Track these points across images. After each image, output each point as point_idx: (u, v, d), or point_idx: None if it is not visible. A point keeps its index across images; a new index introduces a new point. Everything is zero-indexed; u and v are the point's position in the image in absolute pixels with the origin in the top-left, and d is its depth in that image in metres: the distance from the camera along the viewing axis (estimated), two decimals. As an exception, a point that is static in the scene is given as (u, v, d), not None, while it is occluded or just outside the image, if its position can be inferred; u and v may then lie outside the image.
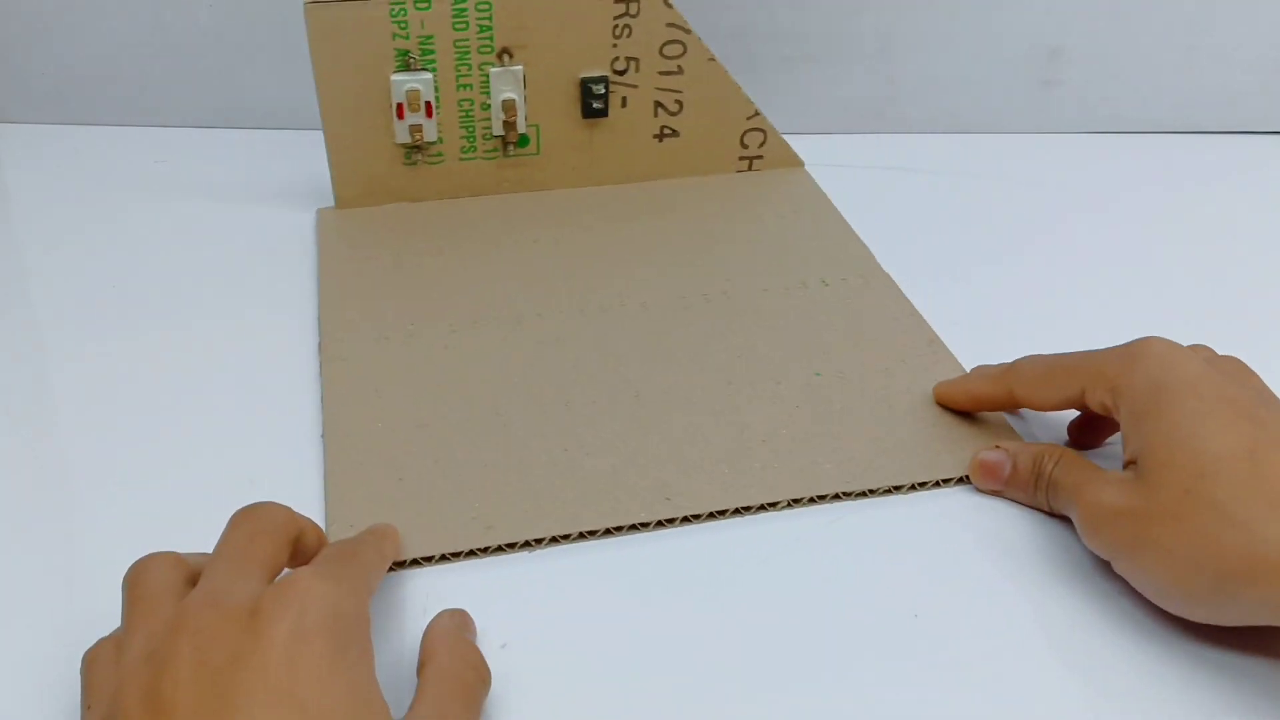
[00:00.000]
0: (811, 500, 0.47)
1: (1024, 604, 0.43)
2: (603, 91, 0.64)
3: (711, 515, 0.46)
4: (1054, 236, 0.67)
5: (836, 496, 0.47)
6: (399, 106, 0.63)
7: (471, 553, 0.44)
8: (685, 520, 0.46)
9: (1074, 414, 0.50)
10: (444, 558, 0.44)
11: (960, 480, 0.48)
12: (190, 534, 0.44)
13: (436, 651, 0.38)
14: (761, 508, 0.46)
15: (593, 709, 0.39)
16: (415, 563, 0.44)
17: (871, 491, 0.47)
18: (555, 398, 0.51)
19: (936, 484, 0.48)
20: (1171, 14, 0.74)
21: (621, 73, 0.65)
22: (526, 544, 0.45)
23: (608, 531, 0.45)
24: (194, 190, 0.70)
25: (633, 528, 0.45)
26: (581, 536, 0.45)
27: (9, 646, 0.41)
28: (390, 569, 0.43)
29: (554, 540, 0.45)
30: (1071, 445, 0.50)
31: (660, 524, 0.46)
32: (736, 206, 0.67)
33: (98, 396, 0.53)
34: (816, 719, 0.39)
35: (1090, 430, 0.50)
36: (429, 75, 0.62)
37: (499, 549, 0.44)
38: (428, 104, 0.63)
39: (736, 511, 0.46)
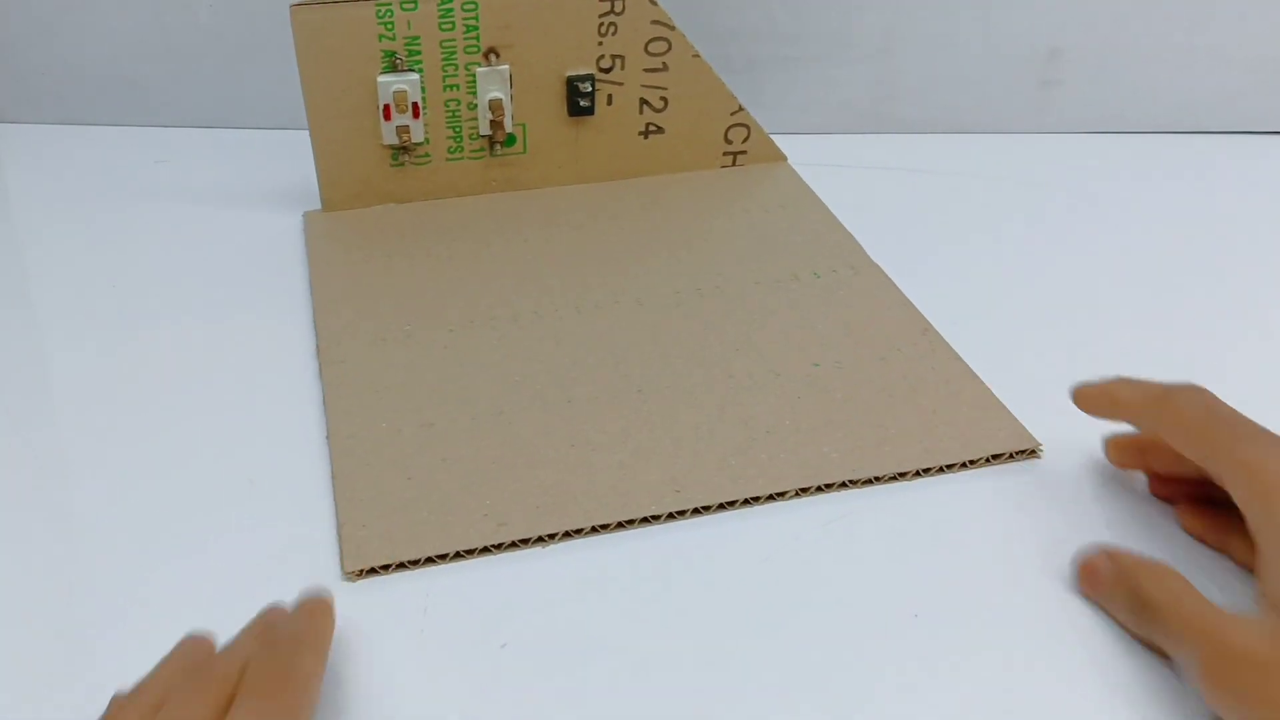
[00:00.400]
0: (819, 489, 0.47)
1: (1027, 596, 0.43)
2: (589, 90, 0.64)
3: (721, 506, 0.46)
4: (1053, 236, 0.66)
5: (843, 485, 0.47)
6: (386, 108, 0.63)
7: (485, 549, 0.44)
8: (695, 512, 0.46)
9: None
10: (445, 557, 0.44)
11: (963, 465, 0.48)
12: (190, 534, 0.45)
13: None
14: (770, 498, 0.47)
15: (593, 709, 0.39)
16: (430, 561, 0.44)
17: (878, 479, 0.47)
18: (558, 395, 0.51)
19: (941, 469, 0.48)
20: (1171, 14, 0.73)
21: (607, 71, 0.65)
22: (539, 540, 0.45)
23: (619, 525, 0.45)
24: (193, 190, 0.70)
25: (644, 521, 0.46)
26: (593, 531, 0.45)
27: (10, 648, 0.40)
28: (392, 569, 0.44)
29: (566, 535, 0.45)
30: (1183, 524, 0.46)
31: (671, 516, 0.46)
32: (723, 201, 0.67)
33: (97, 396, 0.53)
34: (824, 716, 0.39)
35: (1210, 523, 0.44)
36: (415, 76, 0.62)
37: (512, 545, 0.44)
38: (414, 105, 0.63)
39: (745, 502, 0.47)
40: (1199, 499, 0.45)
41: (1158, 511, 0.46)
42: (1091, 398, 0.46)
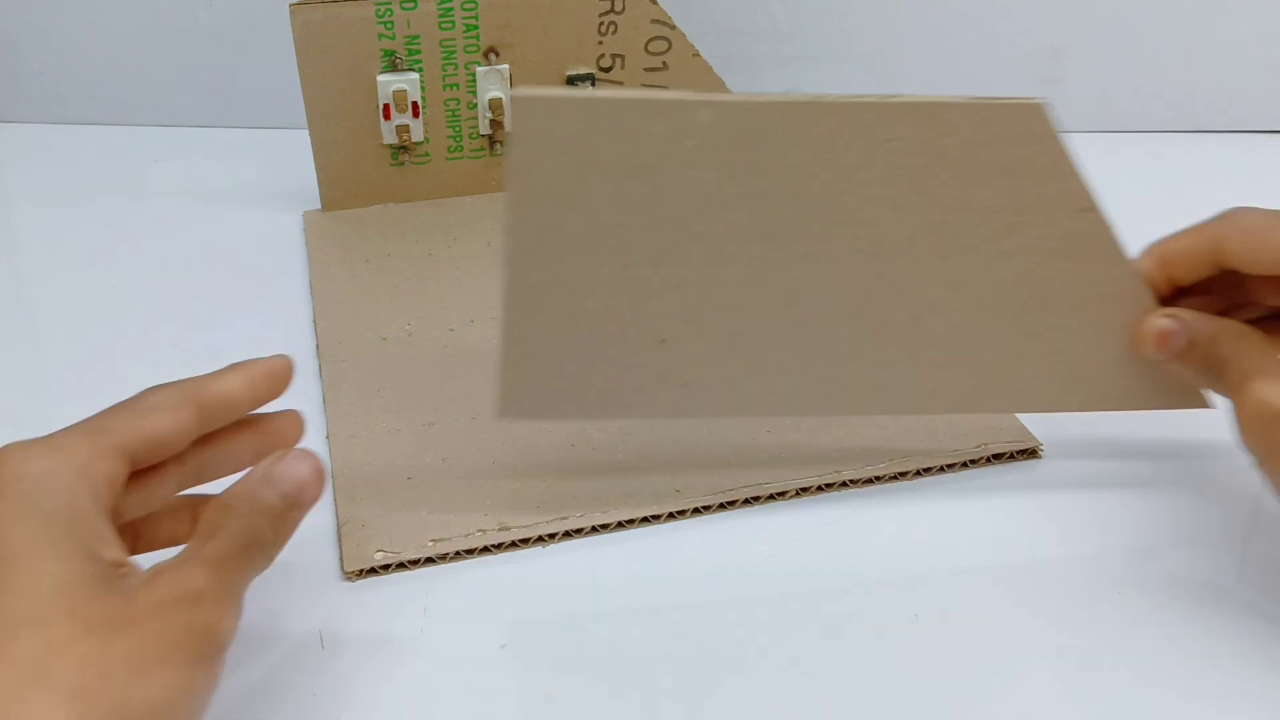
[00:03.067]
0: (819, 489, 0.47)
1: (1027, 596, 0.43)
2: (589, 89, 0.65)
3: (721, 506, 0.46)
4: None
5: (843, 485, 0.47)
6: (385, 107, 0.63)
7: (485, 549, 0.44)
8: (695, 512, 0.46)
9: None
10: (445, 557, 0.44)
11: (964, 465, 0.48)
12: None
13: (213, 500, 0.36)
14: (770, 497, 0.47)
15: (593, 709, 0.39)
16: (429, 561, 0.44)
17: (878, 479, 0.47)
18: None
19: (941, 469, 0.48)
20: (1171, 14, 0.73)
21: (607, 70, 0.65)
22: (539, 540, 0.45)
23: (619, 525, 0.45)
24: (193, 190, 0.70)
25: (644, 520, 0.46)
26: (593, 531, 0.45)
27: None
28: (392, 569, 0.43)
29: (566, 535, 0.45)
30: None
31: (671, 516, 0.46)
32: None
33: (97, 396, 0.53)
34: (824, 716, 0.39)
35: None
36: (415, 75, 0.62)
37: (512, 545, 0.44)
38: (414, 104, 0.63)
39: (745, 502, 0.46)
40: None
41: (1158, 512, 0.46)
42: (1143, 268, 0.44)
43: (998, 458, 0.49)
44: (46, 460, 0.33)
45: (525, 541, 0.44)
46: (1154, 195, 0.70)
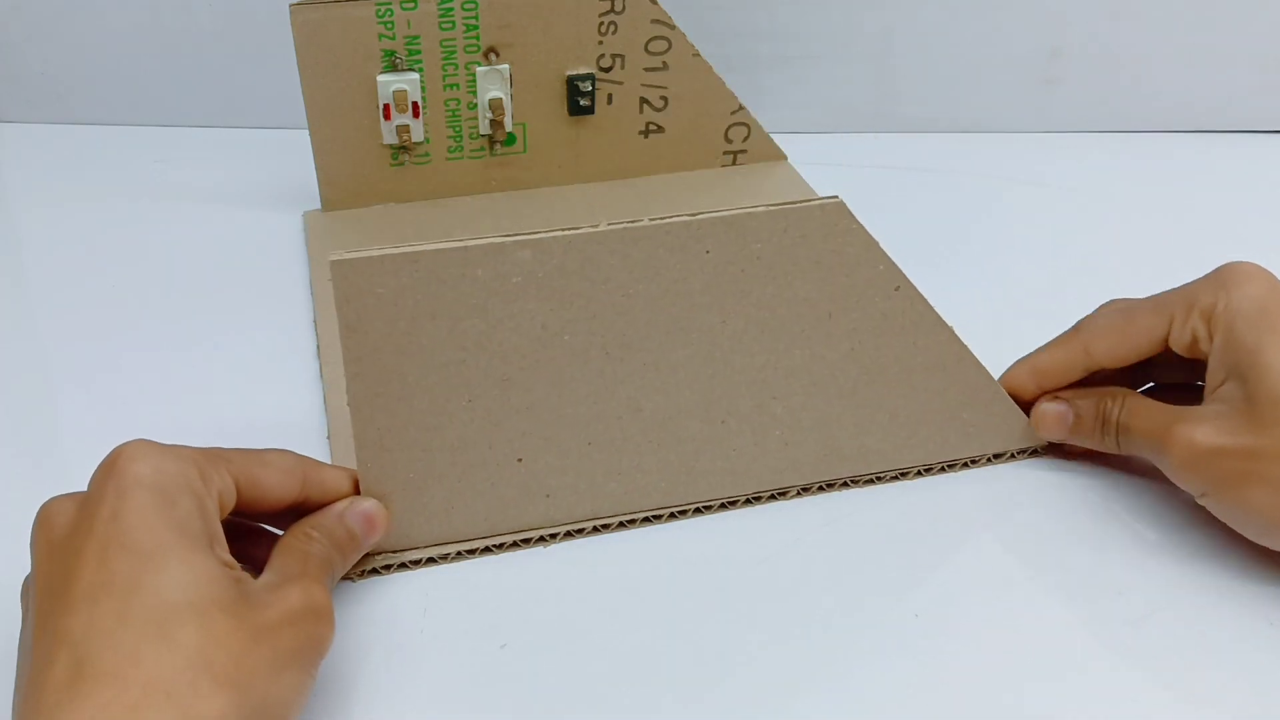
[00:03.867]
0: (819, 489, 0.47)
1: (1027, 596, 0.43)
2: (589, 89, 0.64)
3: (721, 506, 0.46)
4: (1053, 235, 0.67)
5: (844, 485, 0.48)
6: (385, 107, 0.63)
7: (485, 550, 0.44)
8: (696, 512, 0.46)
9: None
10: (446, 557, 0.44)
11: (964, 465, 0.48)
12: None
13: (292, 528, 0.40)
14: (770, 497, 0.47)
15: (593, 709, 0.39)
16: (431, 561, 0.44)
17: (878, 479, 0.48)
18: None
19: (941, 469, 0.48)
20: (1171, 14, 0.74)
21: (607, 70, 0.65)
22: (539, 540, 0.45)
23: (620, 525, 0.45)
24: (193, 190, 0.70)
25: (644, 520, 0.46)
26: (593, 531, 0.45)
27: (12, 650, 0.40)
28: (393, 569, 0.44)
29: (566, 535, 0.45)
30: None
31: (671, 516, 0.46)
32: (723, 201, 0.67)
33: (97, 396, 0.53)
34: (824, 716, 0.39)
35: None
36: (415, 75, 0.62)
37: (512, 545, 0.44)
38: (414, 104, 0.63)
39: (746, 502, 0.47)
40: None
41: (1158, 511, 0.46)
42: (1009, 388, 0.48)
43: (998, 457, 0.49)
44: (176, 463, 0.36)
45: (525, 541, 0.44)
46: (1154, 195, 0.71)
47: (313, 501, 0.41)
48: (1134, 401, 0.45)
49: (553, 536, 0.45)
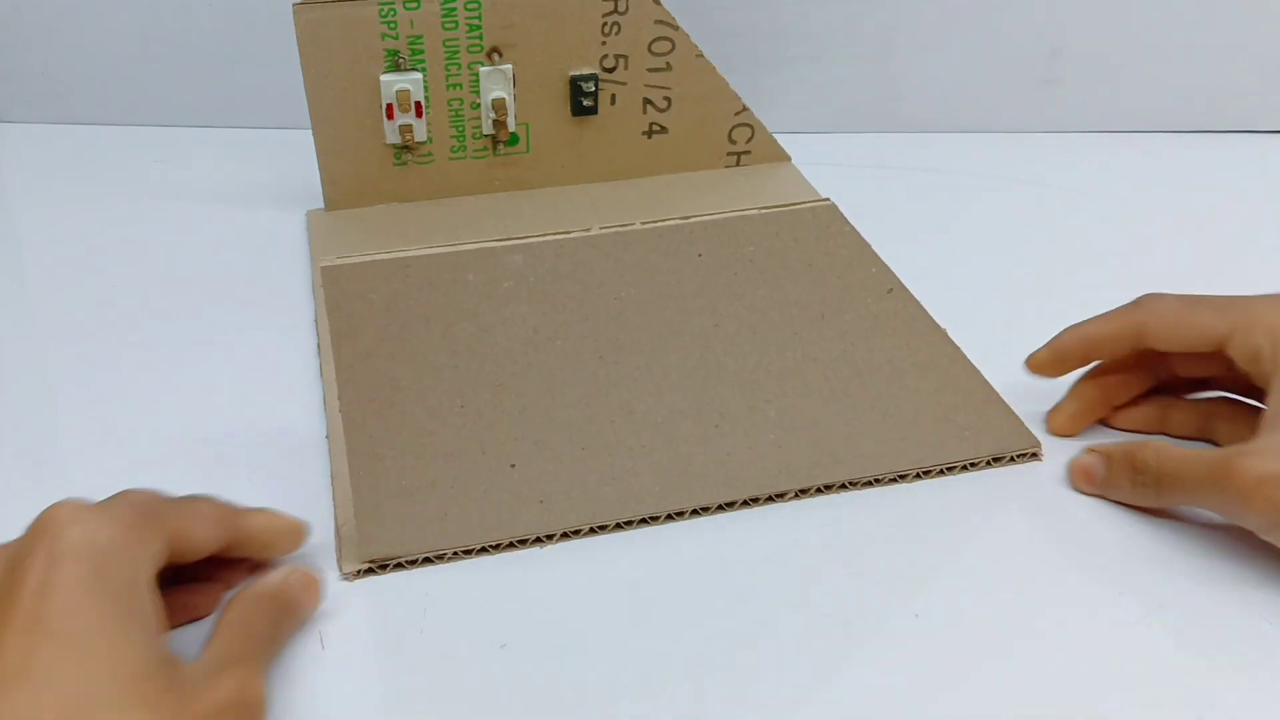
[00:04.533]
0: (819, 490, 0.47)
1: (1027, 596, 0.43)
2: (592, 89, 0.64)
3: (721, 507, 0.46)
4: (1054, 235, 0.67)
5: (843, 486, 0.48)
6: (389, 107, 0.63)
7: (484, 549, 0.44)
8: (695, 512, 0.46)
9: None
10: (445, 557, 0.44)
11: (964, 467, 0.48)
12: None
13: (235, 601, 0.39)
14: (770, 498, 0.47)
15: (593, 709, 0.39)
16: (427, 561, 0.44)
17: (878, 480, 0.48)
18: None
19: (941, 471, 0.48)
20: (1171, 13, 0.74)
21: (611, 70, 0.65)
22: (539, 540, 0.45)
23: (619, 526, 0.45)
24: (194, 190, 0.70)
25: (643, 521, 0.46)
26: (593, 531, 0.45)
27: None
28: (391, 569, 0.44)
29: (566, 535, 0.45)
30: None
31: (671, 516, 0.46)
32: (726, 201, 0.67)
33: (97, 396, 0.53)
34: (824, 717, 0.39)
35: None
36: (419, 75, 0.62)
37: (512, 545, 0.44)
38: (417, 104, 0.63)
39: (745, 503, 0.47)
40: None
41: (1157, 512, 0.46)
42: (1059, 351, 0.50)
43: (997, 459, 0.49)
44: (109, 531, 0.34)
45: (525, 541, 0.44)
46: (1154, 195, 0.71)
47: (238, 549, 0.41)
48: (1167, 448, 0.44)
49: (550, 537, 0.45)
